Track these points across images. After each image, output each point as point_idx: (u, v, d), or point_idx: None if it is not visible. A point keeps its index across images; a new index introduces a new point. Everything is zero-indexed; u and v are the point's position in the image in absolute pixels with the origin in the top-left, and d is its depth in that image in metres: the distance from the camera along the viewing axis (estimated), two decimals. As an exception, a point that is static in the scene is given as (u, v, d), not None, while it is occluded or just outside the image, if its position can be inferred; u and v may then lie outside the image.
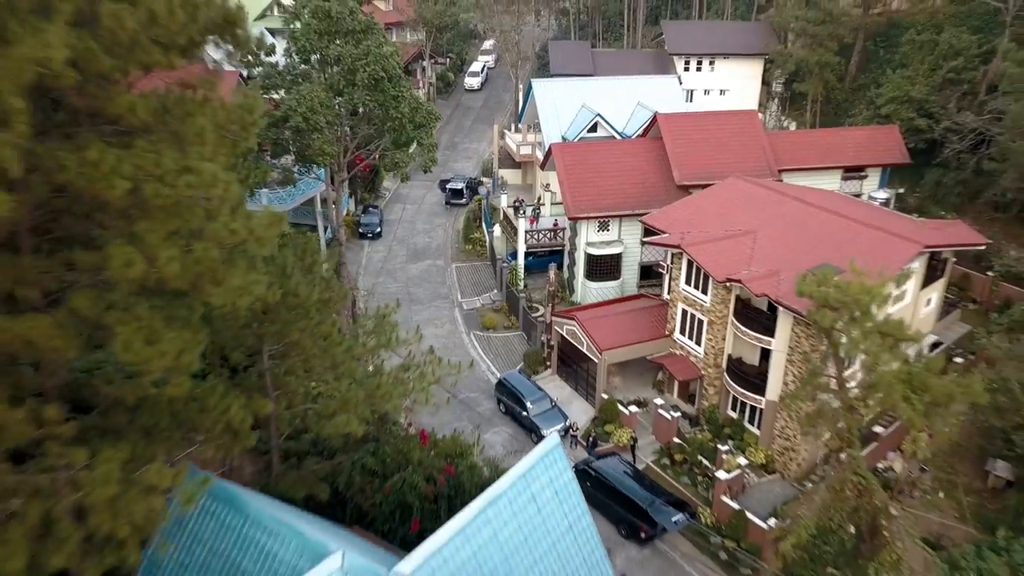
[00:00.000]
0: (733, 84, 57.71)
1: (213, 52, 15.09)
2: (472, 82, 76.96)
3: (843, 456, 24.08)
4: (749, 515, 27.09)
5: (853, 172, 44.87)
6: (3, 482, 11.71)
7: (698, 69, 57.73)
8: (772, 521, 26.87)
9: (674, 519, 27.17)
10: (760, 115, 58.97)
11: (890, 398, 21.99)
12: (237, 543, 15.31)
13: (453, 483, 21.45)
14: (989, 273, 42.37)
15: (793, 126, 56.75)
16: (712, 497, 28.52)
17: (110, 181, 11.50)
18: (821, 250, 29.29)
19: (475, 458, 22.96)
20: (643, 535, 27.31)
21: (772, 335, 28.81)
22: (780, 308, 27.84)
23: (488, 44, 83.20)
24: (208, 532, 15.73)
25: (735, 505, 27.64)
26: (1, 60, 10.01)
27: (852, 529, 24.15)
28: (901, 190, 47.18)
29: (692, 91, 57.73)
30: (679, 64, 57.49)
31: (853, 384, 23.81)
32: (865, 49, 59.14)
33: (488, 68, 79.88)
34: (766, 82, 60.58)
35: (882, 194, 41.59)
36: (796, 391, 24.54)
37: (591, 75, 56.79)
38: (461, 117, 71.46)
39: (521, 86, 64.57)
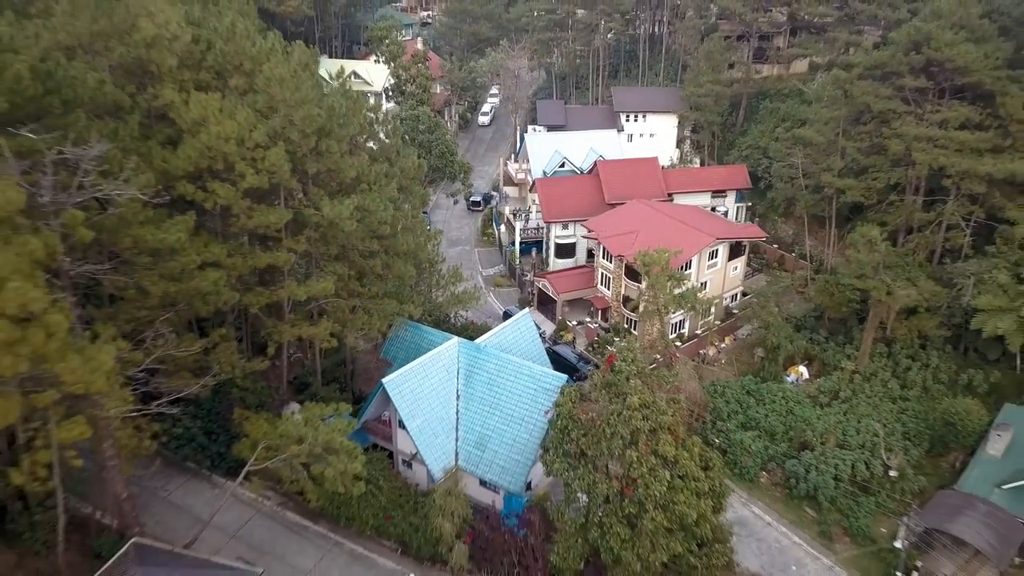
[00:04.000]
0: (659, 130, 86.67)
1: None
2: (483, 119, 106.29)
3: (658, 327, 53.77)
4: (625, 368, 56.51)
5: (718, 193, 74.26)
6: (367, 306, 41.37)
7: (635, 120, 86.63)
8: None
9: (587, 368, 56.77)
10: (677, 151, 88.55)
11: (673, 305, 51.66)
12: (417, 339, 44.99)
13: (486, 338, 51.12)
14: (793, 254, 71.94)
15: (697, 161, 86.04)
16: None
17: (396, 225, 41.06)
18: (666, 240, 58.40)
19: (495, 330, 52.60)
20: (575, 378, 56.74)
21: (640, 283, 58.17)
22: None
23: (494, 89, 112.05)
24: (407, 336, 45.45)
25: (619, 364, 57.08)
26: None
27: (659, 358, 53.56)
28: (750, 203, 76.56)
29: (632, 135, 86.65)
30: (623, 117, 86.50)
31: (661, 299, 53.29)
32: (750, 104, 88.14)
33: (495, 108, 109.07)
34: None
35: (722, 208, 71.24)
36: (635, 300, 54.12)
37: (564, 124, 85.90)
38: (476, 147, 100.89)
39: (519, 127, 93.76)
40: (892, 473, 47.21)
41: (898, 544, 40.54)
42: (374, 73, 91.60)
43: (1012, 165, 51.13)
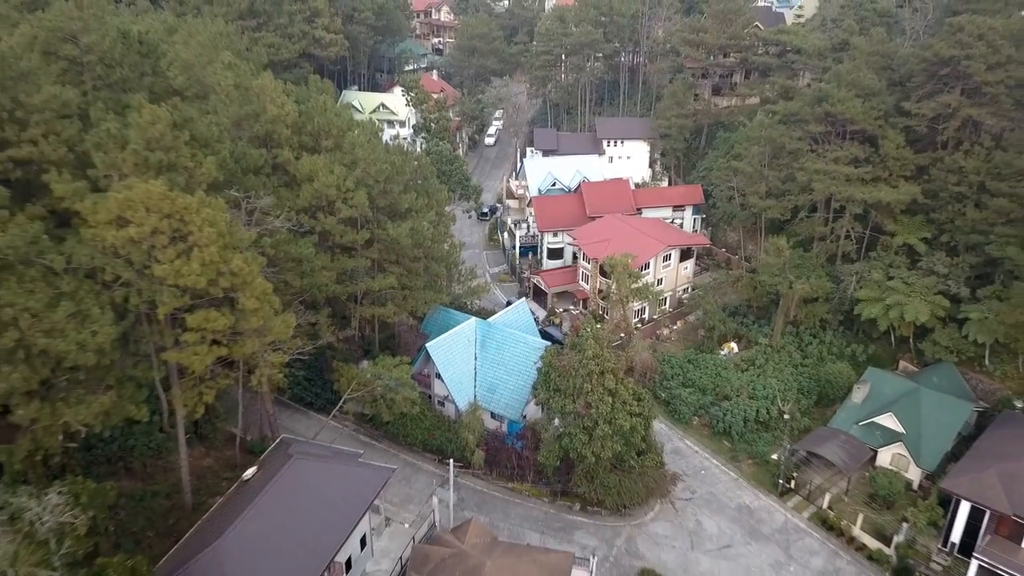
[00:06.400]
0: (634, 153, 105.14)
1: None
2: (489, 140, 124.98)
3: (621, 312, 72.44)
4: (598, 343, 75.23)
5: (678, 207, 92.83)
6: (414, 295, 60.19)
7: (615, 145, 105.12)
8: (606, 344, 75.09)
9: (570, 343, 75.52)
10: (649, 171, 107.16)
11: (632, 297, 70.34)
12: (446, 318, 63.75)
13: (494, 320, 69.91)
14: (737, 256, 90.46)
15: (666, 180, 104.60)
16: (587, 338, 76.74)
17: (434, 239, 59.76)
18: (629, 247, 76.85)
19: (501, 314, 71.42)
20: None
21: (609, 279, 76.69)
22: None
23: (498, 114, 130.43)
24: (439, 316, 64.20)
25: (594, 340, 75.81)
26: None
27: (623, 336, 72.11)
28: (704, 216, 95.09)
29: (612, 157, 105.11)
30: (605, 142, 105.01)
31: (623, 292, 71.84)
32: (710, 132, 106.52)
33: (498, 131, 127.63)
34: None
35: (679, 220, 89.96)
36: (604, 292, 72.77)
37: (556, 148, 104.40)
38: (483, 164, 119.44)
39: (519, 149, 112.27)
40: (786, 416, 65.81)
41: (774, 457, 59.31)
42: (398, 105, 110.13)
43: (879, 193, 69.72)
